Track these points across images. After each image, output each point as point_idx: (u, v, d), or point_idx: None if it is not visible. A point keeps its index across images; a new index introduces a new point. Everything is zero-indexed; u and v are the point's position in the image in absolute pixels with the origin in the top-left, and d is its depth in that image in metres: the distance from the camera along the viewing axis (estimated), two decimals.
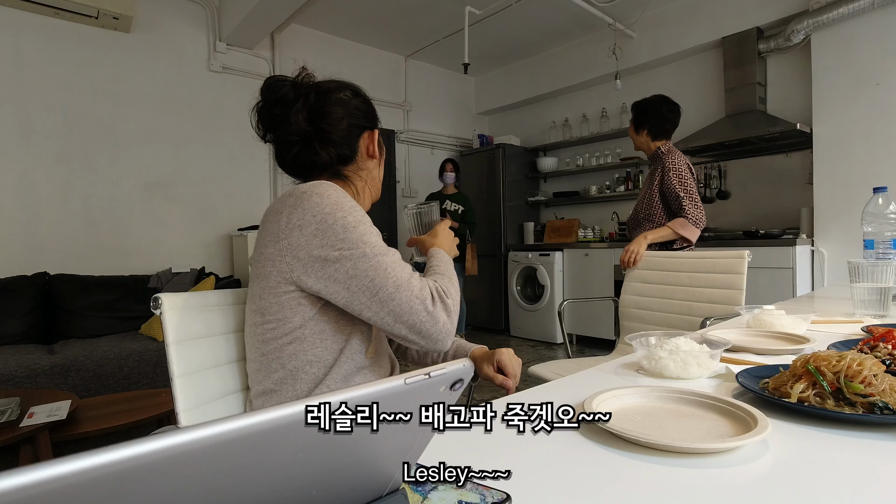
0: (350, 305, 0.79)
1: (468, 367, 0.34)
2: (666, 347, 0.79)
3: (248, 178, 3.97)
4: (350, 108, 0.93)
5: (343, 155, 0.93)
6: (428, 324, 0.77)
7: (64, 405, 1.76)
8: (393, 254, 0.80)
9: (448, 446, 0.49)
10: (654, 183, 2.12)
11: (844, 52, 3.14)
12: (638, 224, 2.18)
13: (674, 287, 1.82)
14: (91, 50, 3.27)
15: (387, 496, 0.37)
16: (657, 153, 2.15)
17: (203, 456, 0.23)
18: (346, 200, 0.82)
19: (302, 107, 0.89)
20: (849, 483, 0.44)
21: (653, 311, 1.87)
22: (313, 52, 4.30)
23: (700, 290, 1.73)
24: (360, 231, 0.78)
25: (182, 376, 0.84)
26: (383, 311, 0.77)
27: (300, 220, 0.78)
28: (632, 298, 1.96)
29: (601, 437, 0.53)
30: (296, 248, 0.78)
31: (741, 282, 1.62)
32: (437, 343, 0.80)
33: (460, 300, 1.22)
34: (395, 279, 0.77)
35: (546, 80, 4.98)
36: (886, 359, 0.73)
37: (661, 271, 1.90)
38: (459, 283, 2.25)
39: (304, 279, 0.79)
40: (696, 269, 1.78)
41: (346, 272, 0.77)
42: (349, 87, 0.96)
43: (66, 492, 0.18)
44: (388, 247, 0.81)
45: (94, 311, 2.99)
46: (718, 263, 1.71)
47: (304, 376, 0.83)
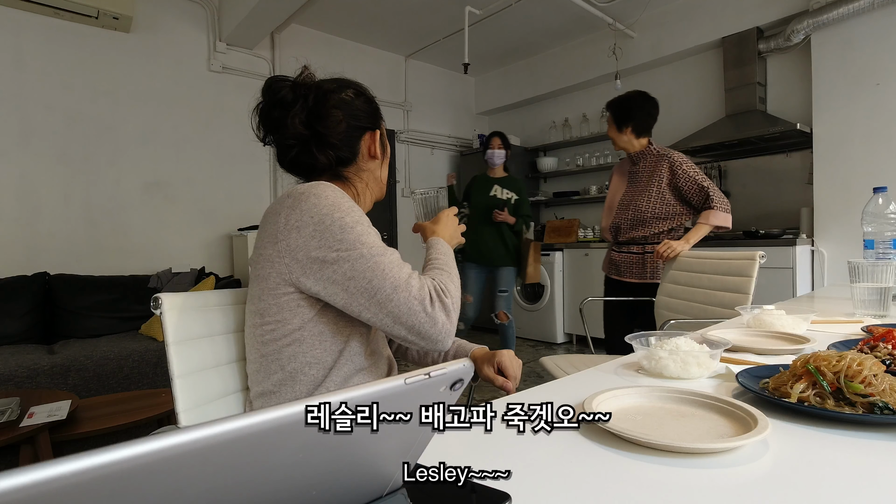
0: (349, 307, 0.78)
1: (468, 367, 0.34)
2: (666, 347, 0.79)
3: (248, 178, 3.97)
4: (351, 109, 0.92)
5: (342, 157, 0.92)
6: (427, 325, 0.76)
7: (64, 405, 1.76)
8: (391, 254, 0.79)
9: (448, 446, 0.49)
10: (661, 181, 2.07)
11: (844, 52, 3.14)
12: (643, 223, 2.09)
13: (695, 289, 1.80)
14: (91, 50, 3.27)
15: (387, 496, 0.37)
16: (651, 151, 2.13)
17: (203, 456, 0.23)
18: (344, 201, 0.81)
19: (300, 109, 0.88)
20: (849, 483, 0.44)
21: (678, 313, 1.84)
22: (313, 52, 4.29)
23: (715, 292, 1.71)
24: (357, 231, 0.78)
25: (182, 376, 0.84)
26: (382, 313, 0.76)
27: (298, 222, 0.78)
28: (665, 300, 1.95)
29: (601, 437, 0.53)
30: (294, 250, 0.78)
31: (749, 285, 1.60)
32: (437, 344, 0.79)
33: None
34: (392, 280, 0.76)
35: (546, 80, 4.98)
36: (886, 359, 0.73)
37: (689, 272, 1.87)
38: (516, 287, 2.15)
39: (303, 281, 0.78)
40: (714, 270, 1.76)
41: (343, 273, 0.76)
42: (351, 87, 0.95)
43: (66, 492, 0.18)
44: (388, 247, 0.80)
45: (94, 311, 2.99)
46: (732, 265, 1.69)
47: (303, 378, 0.83)
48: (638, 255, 2.13)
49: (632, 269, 2.15)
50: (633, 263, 2.15)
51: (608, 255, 2.28)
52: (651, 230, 2.09)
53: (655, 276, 2.09)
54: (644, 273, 2.12)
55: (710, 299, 1.73)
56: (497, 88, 5.49)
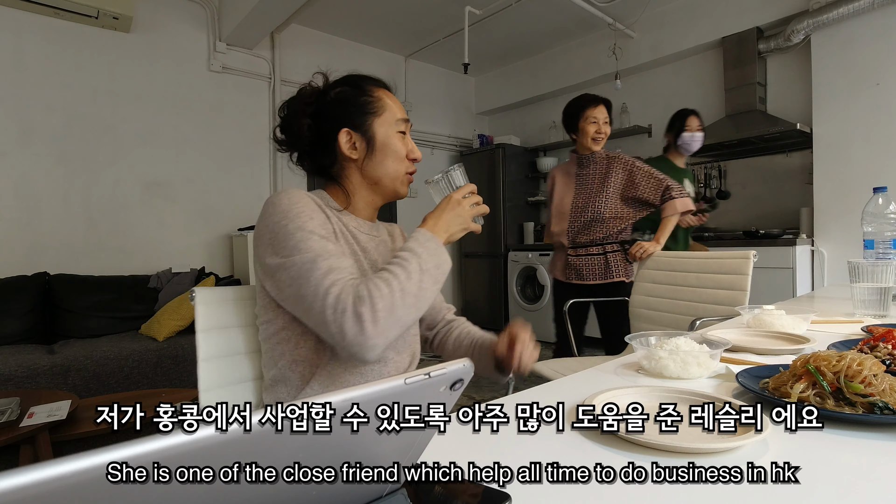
0: (294, 312, 0.81)
1: (468, 367, 0.34)
2: (666, 347, 0.79)
3: (248, 178, 3.97)
4: (324, 111, 0.91)
5: (322, 164, 0.93)
6: (337, 336, 0.73)
7: (64, 405, 1.76)
8: (324, 259, 0.77)
9: (448, 446, 0.49)
10: (617, 183, 2.11)
11: (844, 52, 3.14)
12: (602, 223, 2.11)
13: (681, 287, 1.82)
14: (91, 50, 3.27)
15: (387, 496, 0.37)
16: (601, 154, 2.16)
17: (203, 456, 0.23)
18: (295, 206, 0.81)
19: (284, 124, 0.93)
20: (849, 483, 0.44)
21: (661, 312, 1.86)
22: (313, 52, 4.29)
23: (705, 290, 1.73)
24: (297, 238, 0.78)
25: (206, 360, 0.92)
26: (312, 321, 0.77)
27: (259, 230, 0.83)
28: (641, 299, 1.95)
29: (601, 437, 0.53)
30: (260, 257, 0.83)
31: (746, 282, 1.60)
32: (355, 355, 0.75)
33: None
34: (314, 288, 0.75)
35: (546, 80, 4.98)
36: (886, 359, 0.73)
37: (670, 271, 1.89)
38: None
39: (266, 286, 0.83)
40: (702, 269, 1.77)
41: (284, 280, 0.78)
42: (338, 86, 0.93)
43: (66, 492, 0.18)
44: (329, 251, 0.78)
45: (94, 311, 2.99)
46: (724, 264, 1.70)
47: (292, 375, 0.85)
48: (600, 255, 2.14)
49: (594, 270, 2.14)
50: (594, 265, 2.14)
51: (563, 260, 2.22)
52: (609, 230, 2.12)
53: (619, 273, 2.11)
54: (607, 273, 2.12)
55: (701, 297, 1.74)
56: (497, 88, 5.49)
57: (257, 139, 4.02)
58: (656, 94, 4.32)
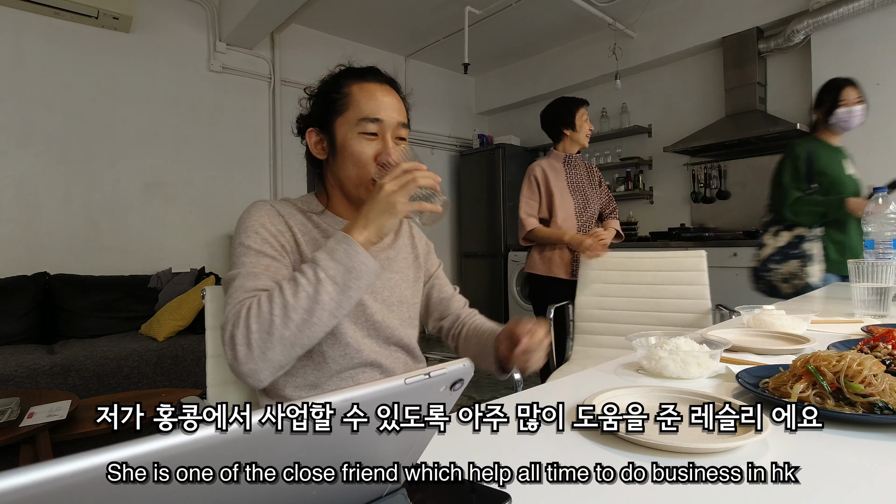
0: None
1: (468, 367, 0.34)
2: (666, 347, 0.79)
3: (248, 178, 3.97)
4: (305, 112, 0.92)
5: (313, 163, 0.93)
6: (227, 357, 0.71)
7: (64, 405, 1.76)
8: (244, 277, 0.76)
9: (448, 446, 0.49)
10: (597, 184, 2.29)
11: (844, 52, 3.14)
12: (596, 220, 2.26)
13: (637, 286, 1.89)
14: (91, 50, 3.27)
15: (387, 496, 0.37)
16: (577, 157, 2.28)
17: (203, 456, 0.23)
18: (245, 221, 0.83)
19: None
20: (849, 483, 0.44)
21: (617, 311, 1.91)
22: (313, 52, 4.29)
23: (666, 287, 1.84)
24: (238, 253, 0.80)
25: (214, 356, 0.95)
26: None
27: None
28: (592, 300, 1.97)
29: (601, 437, 0.53)
30: None
31: (704, 278, 1.79)
32: (246, 383, 0.72)
33: None
34: (227, 307, 0.75)
35: (546, 80, 4.97)
36: (886, 359, 0.73)
37: (623, 271, 1.93)
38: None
39: None
40: (659, 268, 1.88)
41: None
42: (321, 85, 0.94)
43: (66, 492, 0.18)
44: (256, 266, 0.78)
45: (94, 311, 2.99)
46: (682, 262, 1.84)
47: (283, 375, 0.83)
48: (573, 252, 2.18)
49: (572, 266, 2.17)
50: (574, 262, 2.16)
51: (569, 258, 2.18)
52: (595, 227, 2.21)
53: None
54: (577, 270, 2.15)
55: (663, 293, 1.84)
56: (497, 88, 5.49)
57: (257, 139, 4.02)
58: (656, 94, 4.32)
